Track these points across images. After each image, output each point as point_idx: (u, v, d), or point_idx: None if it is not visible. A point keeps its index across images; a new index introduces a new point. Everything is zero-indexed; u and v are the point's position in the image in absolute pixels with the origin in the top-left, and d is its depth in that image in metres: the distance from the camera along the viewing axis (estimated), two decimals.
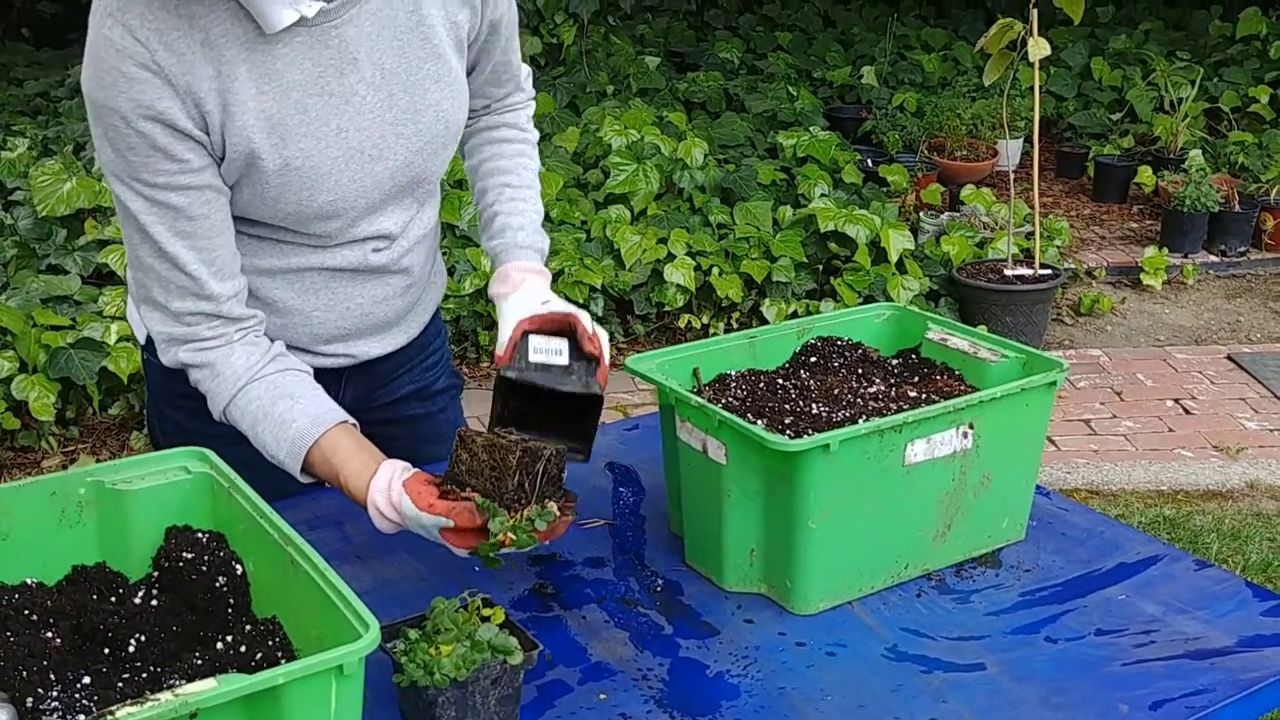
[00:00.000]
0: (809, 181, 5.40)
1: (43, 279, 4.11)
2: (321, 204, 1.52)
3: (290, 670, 0.97)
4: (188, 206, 1.45)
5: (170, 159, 1.42)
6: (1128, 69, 7.40)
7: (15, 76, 6.96)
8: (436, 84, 1.56)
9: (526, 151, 1.80)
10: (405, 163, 1.57)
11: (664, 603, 1.49)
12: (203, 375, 1.53)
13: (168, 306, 1.50)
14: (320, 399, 1.52)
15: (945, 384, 1.64)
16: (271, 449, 1.49)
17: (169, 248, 1.46)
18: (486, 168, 1.77)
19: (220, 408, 1.53)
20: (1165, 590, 1.53)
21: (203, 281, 1.48)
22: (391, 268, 1.66)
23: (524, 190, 1.75)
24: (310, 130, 1.47)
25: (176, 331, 1.52)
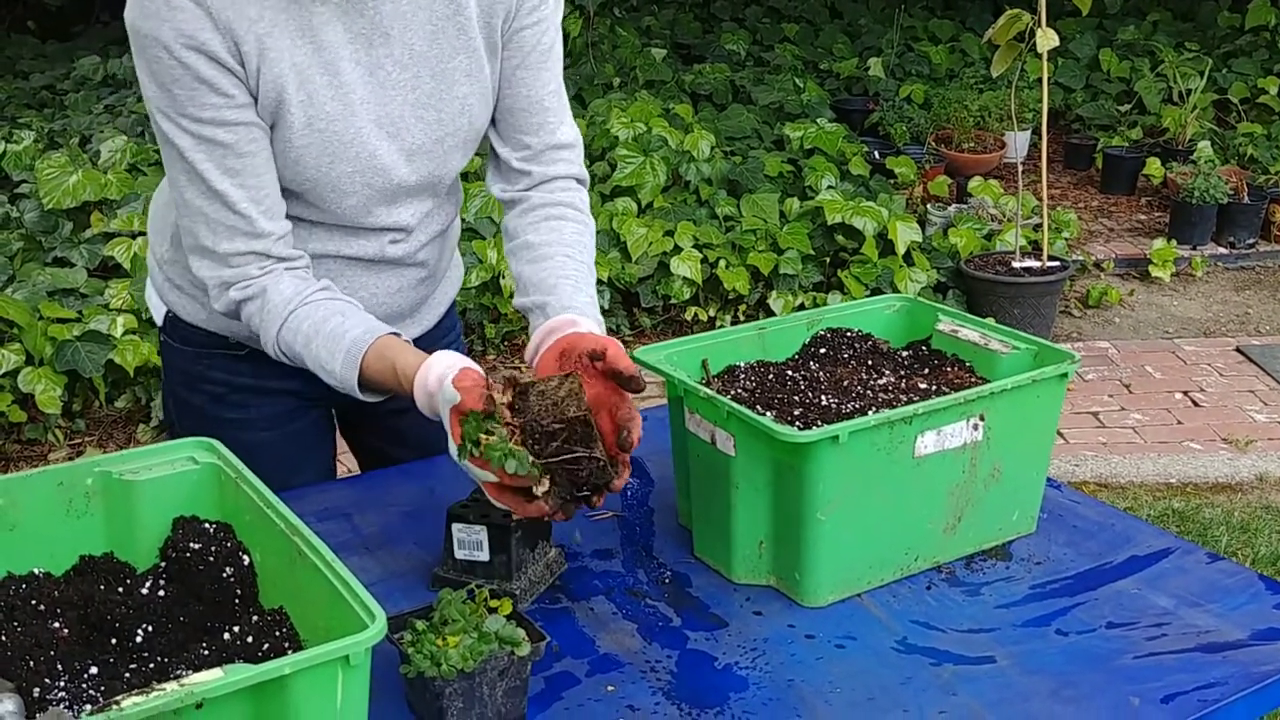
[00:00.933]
0: (816, 173, 5.39)
1: (49, 272, 4.11)
2: (340, 174, 1.51)
3: (296, 660, 0.97)
4: (236, 143, 1.44)
5: (216, 92, 1.41)
6: (1136, 60, 7.38)
7: (21, 69, 6.97)
8: (466, 78, 1.55)
9: (585, 234, 1.64)
10: (422, 149, 1.56)
11: (672, 595, 1.48)
12: (254, 308, 1.50)
13: (215, 250, 1.49)
14: (370, 317, 1.49)
15: (955, 376, 1.63)
16: (326, 363, 1.45)
17: (218, 185, 1.45)
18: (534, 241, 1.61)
19: (272, 335, 1.49)
20: (1177, 583, 1.52)
21: (252, 219, 1.47)
22: (407, 260, 1.66)
23: (584, 268, 1.60)
24: (336, 95, 1.48)
25: (226, 274, 1.50)
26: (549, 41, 1.61)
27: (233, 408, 1.71)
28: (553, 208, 1.63)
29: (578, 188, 1.67)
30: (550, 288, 1.54)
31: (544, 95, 1.62)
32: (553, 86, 1.63)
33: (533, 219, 1.63)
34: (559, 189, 1.65)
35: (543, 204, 1.63)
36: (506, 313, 4.64)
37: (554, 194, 1.64)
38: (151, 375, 3.99)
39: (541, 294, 1.54)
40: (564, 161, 1.65)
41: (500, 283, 4.49)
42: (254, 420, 1.72)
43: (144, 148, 4.85)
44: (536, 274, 1.57)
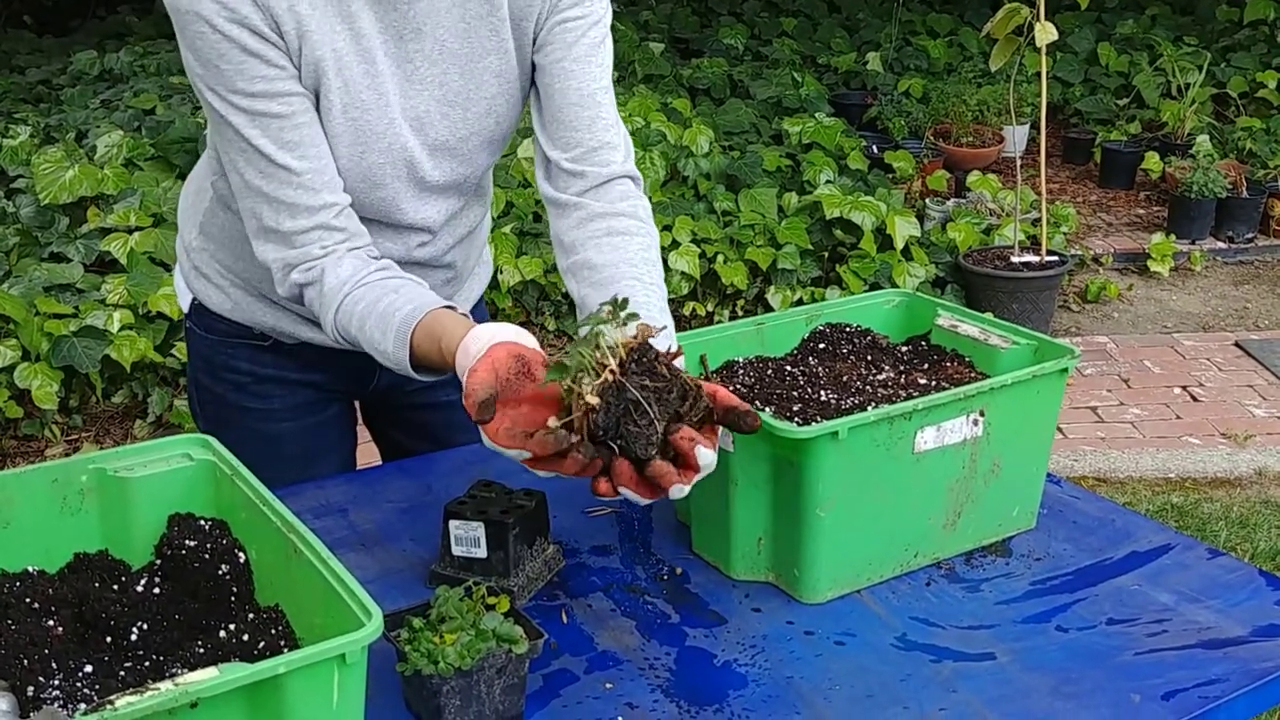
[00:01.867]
0: (814, 168, 5.38)
1: (45, 267, 4.10)
2: (371, 164, 1.49)
3: (292, 659, 0.96)
4: (291, 114, 1.41)
5: (264, 63, 1.38)
6: (1135, 54, 7.37)
7: (17, 64, 6.95)
8: (496, 78, 1.53)
9: (651, 249, 1.51)
10: (445, 145, 1.54)
11: (671, 591, 1.47)
12: (314, 294, 1.45)
13: (279, 229, 1.44)
14: (425, 291, 1.42)
15: (955, 371, 1.62)
16: (379, 344, 1.38)
17: (278, 159, 1.41)
18: (598, 262, 1.48)
19: (330, 319, 1.44)
20: (1178, 579, 1.51)
21: (315, 190, 1.43)
22: (434, 263, 1.65)
23: (656, 291, 1.48)
24: (372, 84, 1.46)
25: (290, 255, 1.45)
26: (597, 36, 1.54)
27: (255, 398, 1.71)
28: (614, 219, 1.50)
29: (636, 192, 1.56)
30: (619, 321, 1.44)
31: (595, 90, 1.53)
32: (603, 83, 1.54)
33: (593, 232, 1.50)
34: (618, 196, 1.53)
35: (603, 214, 1.51)
36: (504, 307, 4.63)
37: (614, 203, 1.52)
38: (148, 371, 3.98)
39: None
40: (615, 163, 1.54)
41: (498, 278, 4.48)
42: (276, 411, 1.72)
43: (140, 143, 4.83)
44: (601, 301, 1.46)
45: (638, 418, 1.16)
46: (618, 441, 1.16)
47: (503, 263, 4.50)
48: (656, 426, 1.16)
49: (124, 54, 6.59)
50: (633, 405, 1.15)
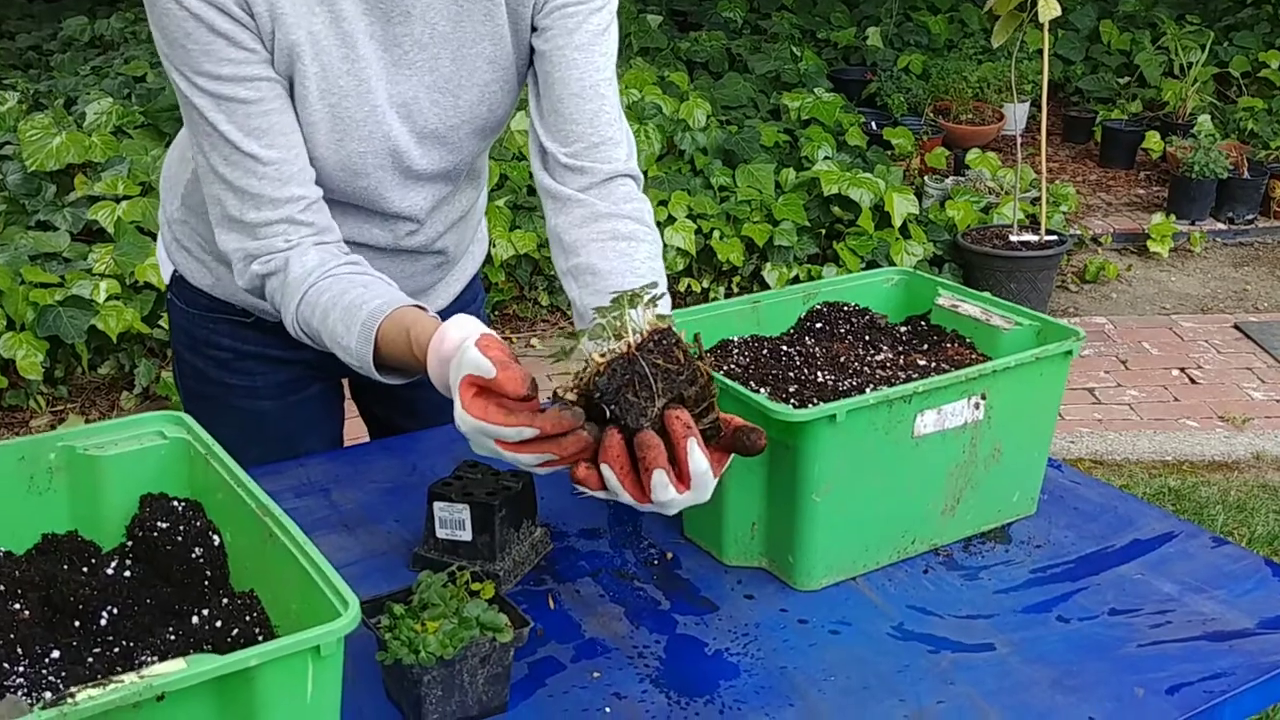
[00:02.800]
0: (812, 144, 5.32)
1: (31, 235, 4.04)
2: (351, 153, 1.43)
3: (263, 651, 0.91)
4: (259, 100, 1.34)
5: (233, 45, 1.32)
6: (1137, 32, 7.31)
7: (7, 29, 6.87)
8: (489, 64, 1.46)
9: (656, 256, 1.44)
10: (435, 133, 1.47)
11: (661, 577, 1.43)
12: (276, 284, 1.38)
13: (242, 219, 1.37)
14: (396, 290, 1.34)
15: (956, 352, 1.58)
16: (342, 338, 1.31)
17: (242, 146, 1.34)
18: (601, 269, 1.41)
19: (292, 310, 1.36)
20: (1181, 568, 1.47)
21: (282, 182, 1.36)
22: (425, 250, 1.59)
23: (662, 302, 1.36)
24: (351, 69, 1.39)
25: (251, 246, 1.38)
26: (600, 23, 1.46)
27: (238, 374, 1.66)
28: (619, 221, 1.43)
29: (638, 193, 1.49)
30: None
31: (598, 81, 1.45)
32: (607, 74, 1.46)
33: (596, 234, 1.43)
34: (621, 196, 1.45)
35: (607, 215, 1.43)
36: (497, 282, 4.58)
37: (617, 204, 1.45)
38: (135, 342, 3.93)
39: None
40: (617, 160, 1.46)
41: (491, 252, 4.42)
42: (260, 388, 1.67)
43: (130, 110, 4.76)
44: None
45: (639, 389, 1.10)
46: (612, 407, 1.11)
47: (496, 236, 4.45)
48: (655, 402, 1.10)
49: (115, 20, 6.50)
50: (638, 378, 1.10)
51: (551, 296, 4.73)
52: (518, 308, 4.71)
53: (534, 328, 4.67)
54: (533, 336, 4.60)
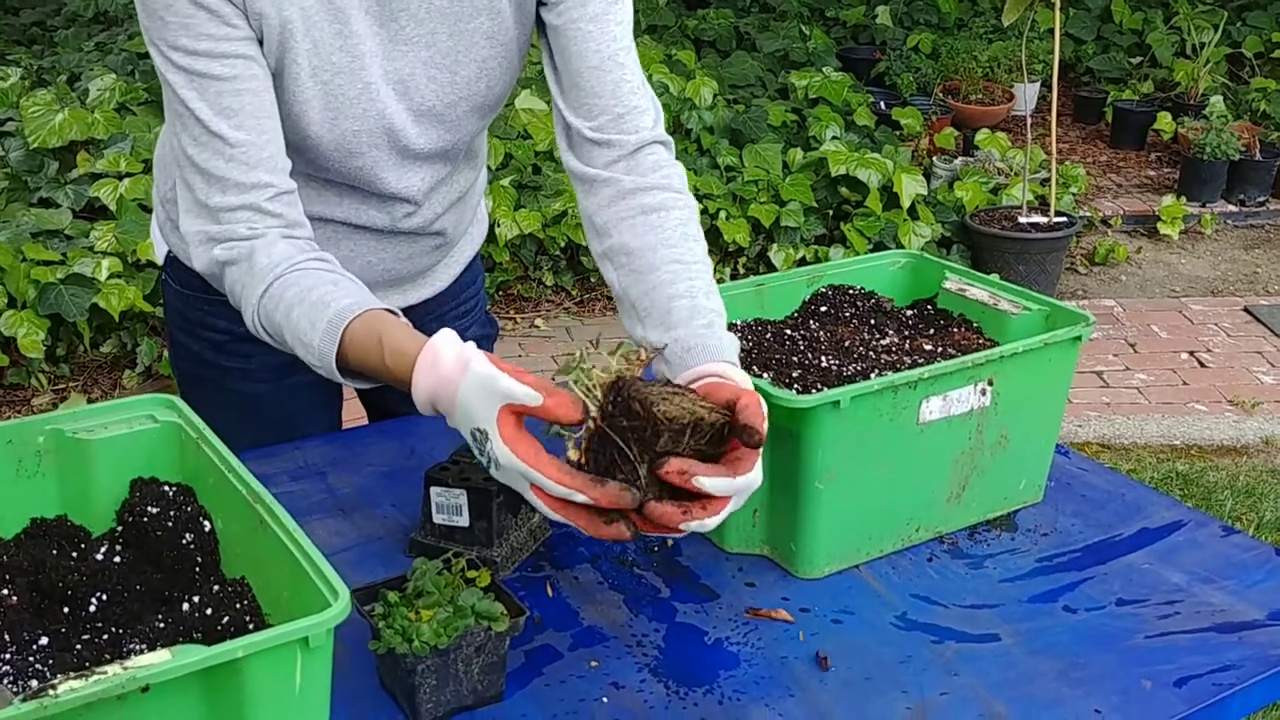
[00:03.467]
0: (820, 124, 5.28)
1: (33, 212, 4.02)
2: (344, 132, 1.39)
3: (251, 643, 0.89)
4: (233, 79, 1.29)
5: (214, 18, 1.27)
6: (1149, 12, 7.24)
7: (11, 5, 6.83)
8: (488, 40, 1.42)
9: (689, 222, 1.40)
10: (432, 111, 1.44)
11: (661, 563, 1.41)
12: (237, 272, 1.30)
13: (207, 203, 1.31)
14: (368, 294, 1.28)
15: (963, 337, 1.55)
16: (305, 334, 1.23)
17: (213, 126, 1.29)
18: (634, 246, 1.36)
19: (254, 302, 1.29)
20: (1191, 558, 1.45)
21: (249, 167, 1.30)
22: (423, 231, 1.56)
23: (700, 272, 1.35)
24: (344, 45, 1.35)
25: (213, 229, 1.32)
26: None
27: (233, 356, 1.63)
28: (648, 194, 1.38)
29: (669, 158, 1.43)
30: (663, 315, 1.29)
31: (616, 51, 1.40)
32: (625, 43, 1.41)
33: (625, 212, 1.38)
34: (650, 166, 1.41)
35: (634, 190, 1.38)
36: (501, 262, 4.55)
37: (646, 175, 1.40)
38: (137, 320, 3.91)
39: (655, 327, 1.29)
40: (643, 129, 1.41)
41: (495, 231, 4.39)
42: (255, 371, 1.64)
43: (133, 86, 4.73)
44: (644, 295, 1.32)
45: (622, 463, 1.04)
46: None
47: (500, 216, 4.41)
48: (638, 470, 1.04)
49: None
50: (616, 451, 1.04)
51: (556, 276, 4.70)
52: (522, 288, 4.68)
53: (538, 308, 4.65)
54: (537, 317, 4.58)
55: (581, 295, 4.73)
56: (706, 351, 1.25)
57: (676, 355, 1.26)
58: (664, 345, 1.26)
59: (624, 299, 1.36)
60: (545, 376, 1.11)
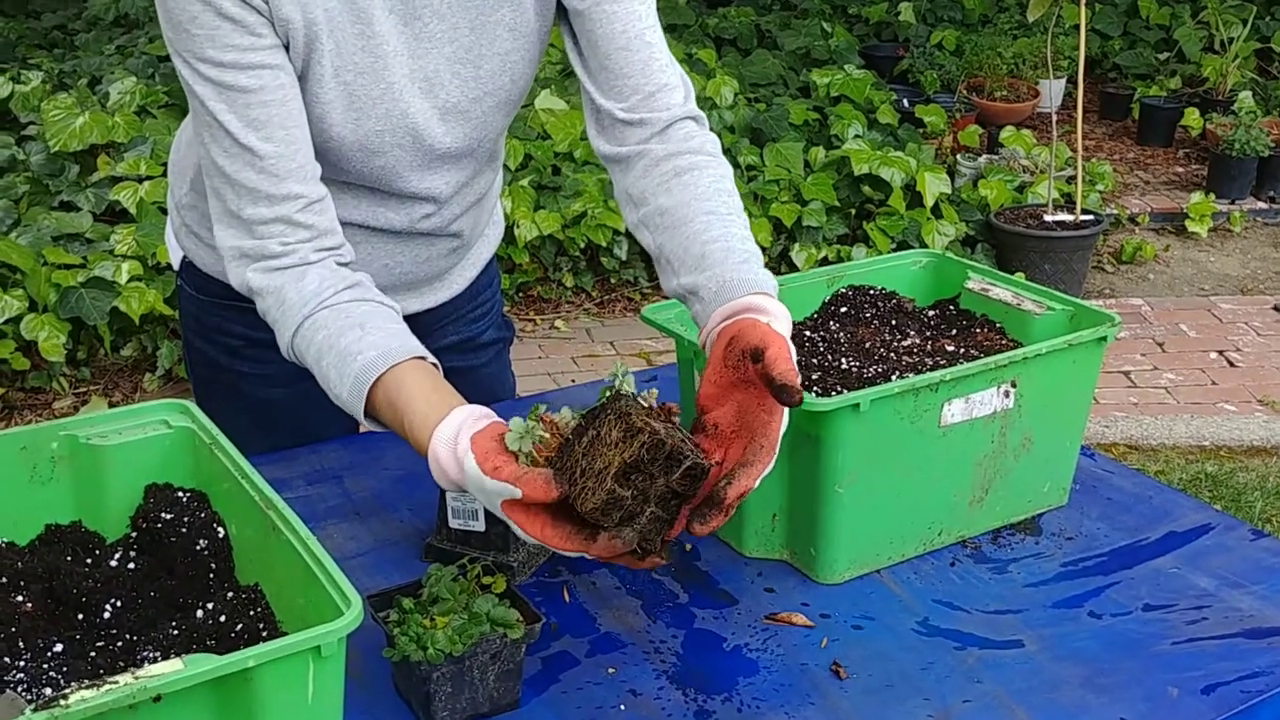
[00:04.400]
0: (842, 122, 5.25)
1: (54, 216, 4.03)
2: (368, 132, 1.39)
3: (263, 652, 0.89)
4: (260, 89, 1.29)
5: (240, 29, 1.27)
6: (1176, 7, 7.17)
7: (33, 9, 6.87)
8: (510, 32, 1.41)
9: (724, 179, 1.39)
10: (457, 107, 1.43)
11: (679, 569, 1.40)
12: (270, 304, 1.32)
13: (240, 215, 1.31)
14: (396, 331, 1.27)
15: (986, 338, 1.53)
16: (335, 386, 1.25)
17: (242, 138, 1.29)
18: (667, 205, 1.35)
19: (287, 340, 1.31)
20: (1219, 562, 1.42)
21: (280, 178, 1.30)
22: (440, 233, 1.55)
23: (735, 221, 1.34)
24: (366, 45, 1.35)
25: (247, 245, 1.32)
26: None
27: (250, 362, 1.63)
28: (678, 159, 1.38)
29: (700, 130, 1.43)
30: (698, 260, 1.28)
31: (642, 30, 1.39)
32: (650, 21, 1.41)
33: (659, 177, 1.37)
34: (679, 137, 1.40)
35: (666, 156, 1.38)
36: (520, 263, 4.54)
37: (677, 143, 1.39)
38: (158, 324, 3.93)
39: (690, 272, 1.28)
40: (675, 105, 1.41)
41: (515, 233, 4.39)
42: (272, 376, 1.63)
43: (154, 90, 4.75)
44: (679, 247, 1.31)
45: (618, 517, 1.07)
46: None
47: (519, 217, 4.41)
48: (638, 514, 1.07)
49: None
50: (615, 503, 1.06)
51: (576, 277, 4.69)
52: (541, 289, 4.68)
53: (558, 309, 4.64)
54: (557, 319, 4.57)
55: (601, 296, 4.71)
56: (742, 285, 1.24)
57: (711, 293, 1.25)
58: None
59: (660, 256, 1.35)
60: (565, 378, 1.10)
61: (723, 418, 1.16)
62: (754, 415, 1.14)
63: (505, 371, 1.84)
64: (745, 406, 1.15)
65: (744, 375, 1.15)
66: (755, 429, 1.13)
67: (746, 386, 1.15)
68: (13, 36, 6.21)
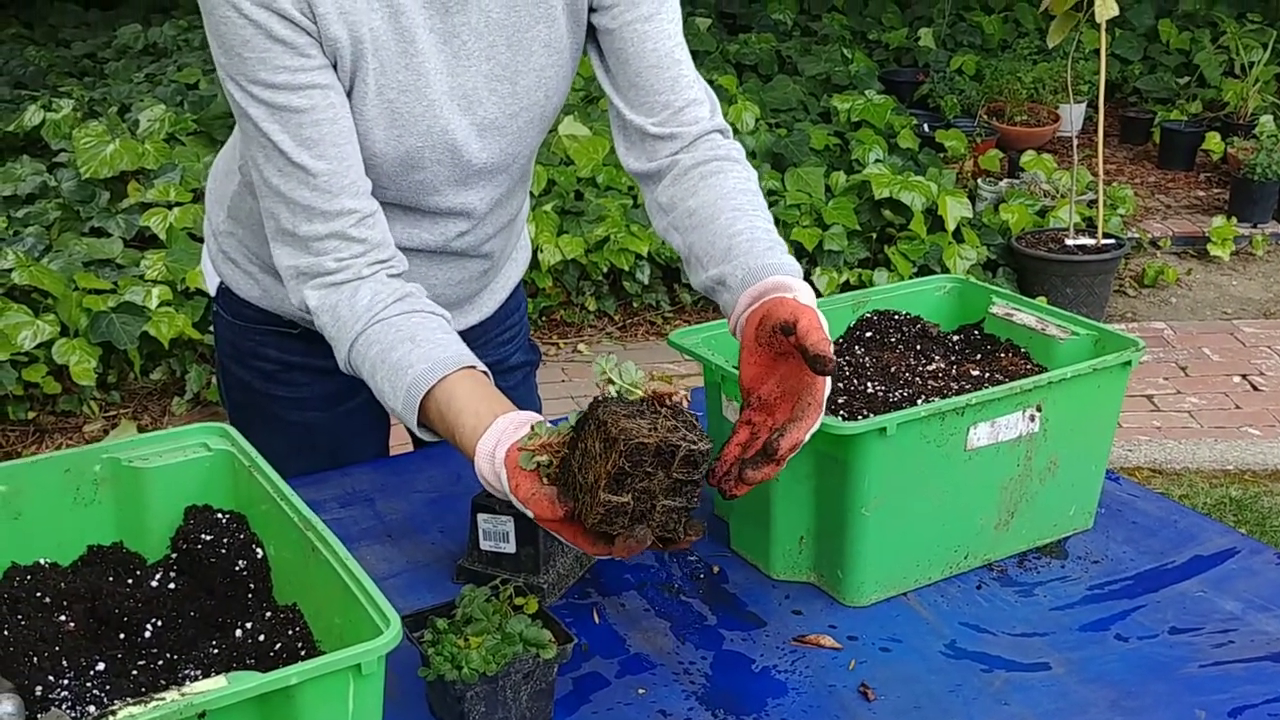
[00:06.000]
0: (863, 147, 5.27)
1: (85, 242, 4.09)
2: (409, 148, 1.41)
3: (305, 669, 0.91)
4: (312, 109, 1.32)
5: (290, 51, 1.30)
6: (1196, 31, 7.17)
7: (63, 38, 6.96)
8: (544, 48, 1.45)
9: (749, 180, 1.44)
10: (495, 124, 1.46)
11: (707, 591, 1.41)
12: (327, 321, 1.36)
13: (296, 232, 1.35)
14: (445, 342, 1.32)
15: (1010, 363, 1.54)
16: (389, 399, 1.30)
17: (295, 157, 1.33)
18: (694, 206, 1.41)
19: (344, 356, 1.36)
20: (1244, 585, 1.43)
21: (333, 195, 1.34)
22: (472, 253, 1.58)
23: (759, 216, 1.39)
24: (409, 63, 1.38)
25: (303, 263, 1.36)
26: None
27: (284, 385, 1.66)
28: (704, 165, 1.44)
29: (727, 140, 1.48)
30: (724, 252, 1.33)
31: (671, 48, 1.44)
32: (678, 39, 1.46)
33: (687, 184, 1.43)
34: (707, 147, 1.45)
35: (694, 164, 1.44)
36: (544, 288, 4.57)
37: (704, 151, 1.45)
38: (186, 348, 3.97)
39: (718, 264, 1.33)
40: (703, 120, 1.46)
41: (538, 257, 4.42)
42: (306, 399, 1.66)
43: (182, 117, 4.81)
44: (705, 242, 1.36)
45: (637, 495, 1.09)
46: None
47: (543, 242, 4.44)
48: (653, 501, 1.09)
49: (168, 28, 6.58)
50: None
51: (599, 302, 4.72)
52: (564, 313, 4.70)
53: (580, 333, 4.66)
54: (580, 342, 4.59)
55: (624, 320, 4.74)
56: (767, 269, 1.28)
57: (738, 280, 1.29)
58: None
59: (689, 255, 1.40)
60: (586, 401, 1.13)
61: (768, 391, 1.21)
62: (797, 379, 1.19)
63: (532, 395, 1.86)
64: (786, 376, 1.20)
65: (780, 349, 1.20)
66: (800, 391, 1.19)
67: (785, 359, 1.20)
68: (44, 65, 6.30)
